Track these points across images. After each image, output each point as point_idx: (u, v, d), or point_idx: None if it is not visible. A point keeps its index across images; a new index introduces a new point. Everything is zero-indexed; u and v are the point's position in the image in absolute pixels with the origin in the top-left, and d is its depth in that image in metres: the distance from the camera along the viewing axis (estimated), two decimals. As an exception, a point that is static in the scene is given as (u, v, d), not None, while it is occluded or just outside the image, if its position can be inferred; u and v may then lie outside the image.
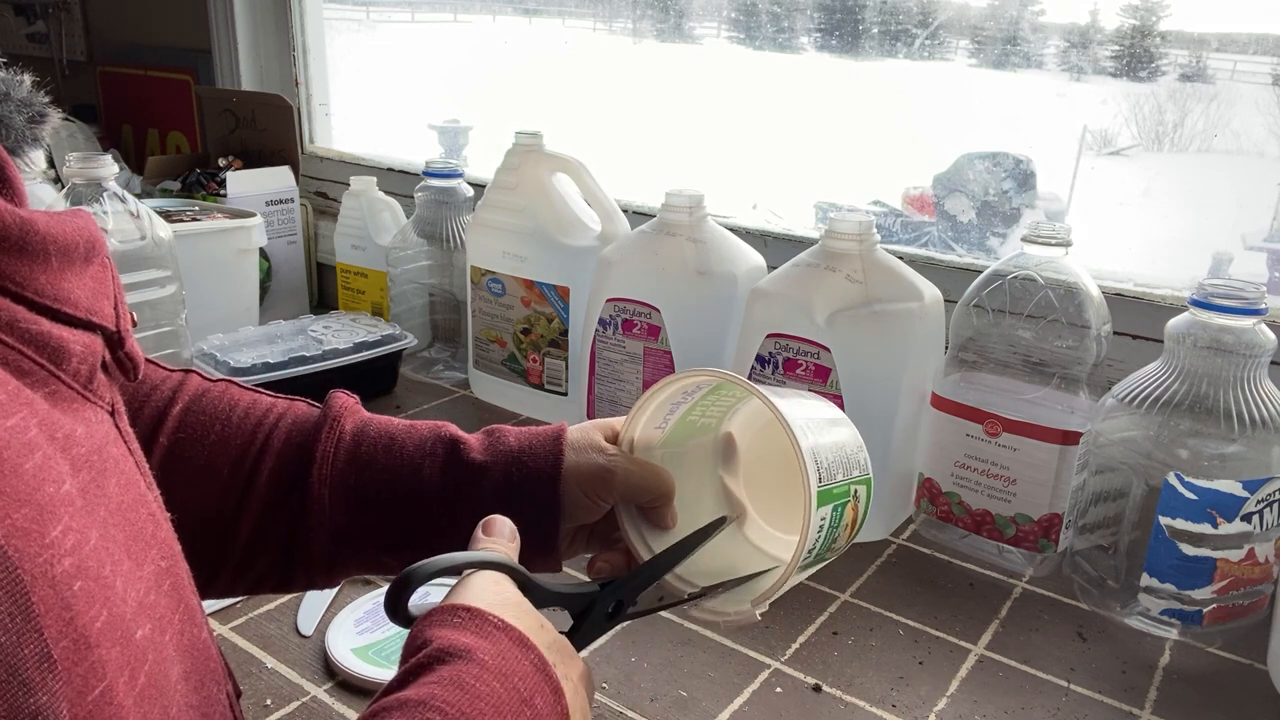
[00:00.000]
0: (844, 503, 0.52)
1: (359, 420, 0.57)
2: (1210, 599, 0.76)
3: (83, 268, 0.36)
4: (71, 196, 0.98)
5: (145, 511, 0.37)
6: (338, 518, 0.54)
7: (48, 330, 0.34)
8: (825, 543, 0.52)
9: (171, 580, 0.38)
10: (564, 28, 2.15)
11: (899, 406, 0.90)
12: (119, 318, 0.38)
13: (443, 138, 1.97)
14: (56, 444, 0.32)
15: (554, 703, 0.41)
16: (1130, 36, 1.30)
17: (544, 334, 1.14)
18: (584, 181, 1.12)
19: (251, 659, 0.73)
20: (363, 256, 1.40)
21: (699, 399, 0.57)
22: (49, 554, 0.29)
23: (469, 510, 0.53)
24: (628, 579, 0.51)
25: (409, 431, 0.57)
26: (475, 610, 0.41)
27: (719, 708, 0.70)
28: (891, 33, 1.44)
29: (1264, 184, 1.21)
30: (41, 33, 2.03)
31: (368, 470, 0.55)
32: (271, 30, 1.68)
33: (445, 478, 0.55)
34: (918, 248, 1.21)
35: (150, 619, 0.35)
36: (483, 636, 0.40)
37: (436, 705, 0.37)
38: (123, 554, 0.34)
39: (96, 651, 0.30)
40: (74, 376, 0.35)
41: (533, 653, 0.41)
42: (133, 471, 0.38)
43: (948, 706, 0.71)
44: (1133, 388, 0.78)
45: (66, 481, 0.32)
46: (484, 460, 0.55)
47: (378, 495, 0.55)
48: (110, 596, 0.32)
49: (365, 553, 0.56)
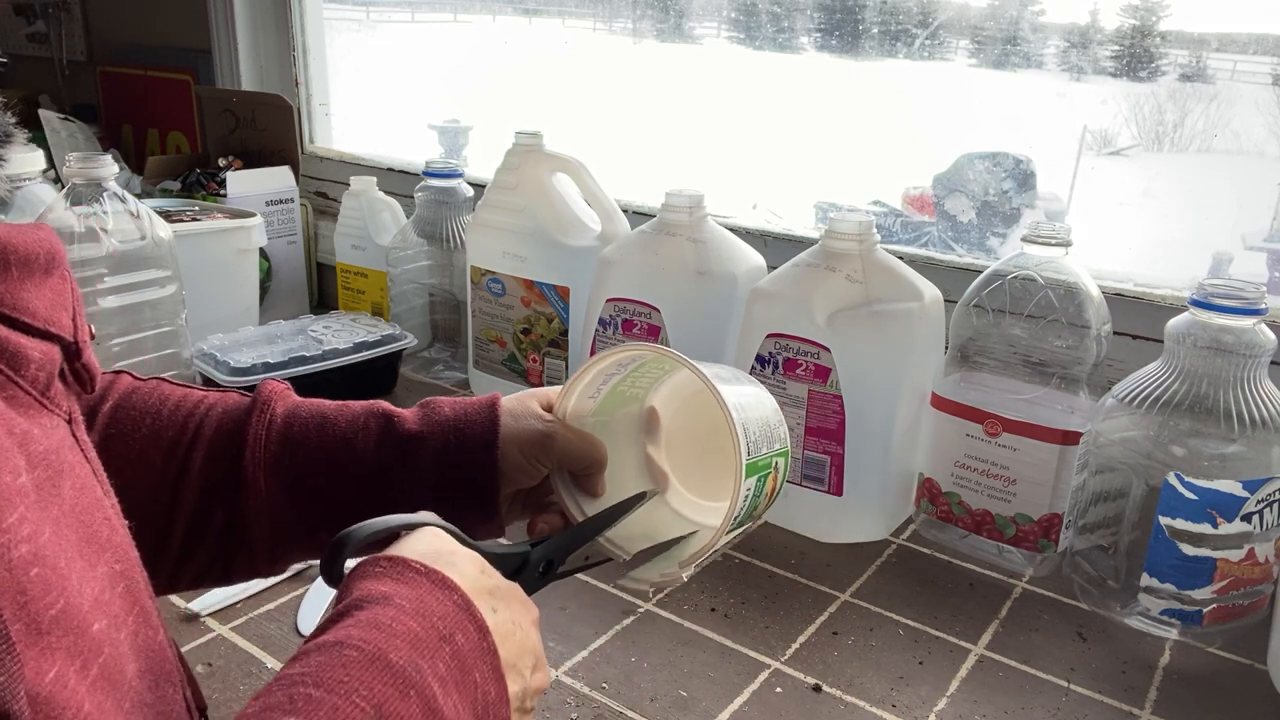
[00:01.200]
0: (766, 474, 0.56)
1: (290, 403, 0.58)
2: (1210, 599, 0.76)
3: (42, 279, 0.37)
4: (71, 196, 0.98)
5: (100, 515, 0.38)
6: (274, 500, 0.55)
7: (5, 337, 0.35)
8: (749, 510, 0.55)
9: (126, 583, 0.38)
10: (564, 28, 2.15)
11: (899, 406, 0.90)
12: (77, 329, 0.39)
13: (443, 138, 1.97)
14: (14, 439, 0.33)
15: (478, 640, 0.41)
16: (1130, 36, 1.30)
17: (544, 334, 1.14)
18: (584, 181, 1.12)
19: (251, 659, 0.73)
20: (363, 256, 1.40)
21: (629, 371, 0.59)
22: (5, 538, 0.30)
23: (407, 481, 0.55)
24: (558, 540, 0.53)
25: (341, 410, 0.57)
26: (397, 558, 0.42)
27: (719, 708, 0.70)
28: (891, 33, 1.44)
29: (1264, 184, 1.21)
30: (41, 33, 2.03)
31: (301, 449, 0.55)
32: (271, 30, 1.68)
33: (380, 451, 0.56)
34: (918, 248, 1.21)
35: (105, 616, 0.35)
36: (402, 582, 0.41)
37: (352, 643, 0.38)
38: (75, 554, 0.35)
39: (49, 638, 0.31)
40: (31, 383, 0.36)
41: (455, 593, 0.42)
42: (89, 477, 0.39)
43: (948, 706, 0.71)
44: (1133, 388, 0.78)
45: (22, 475, 0.33)
46: (419, 430, 0.56)
47: (313, 473, 0.55)
48: (66, 588, 0.33)
49: (305, 535, 0.56)
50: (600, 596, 0.82)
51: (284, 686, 0.36)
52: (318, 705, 0.35)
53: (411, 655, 0.38)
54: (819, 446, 0.90)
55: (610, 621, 0.79)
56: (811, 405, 0.89)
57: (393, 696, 0.36)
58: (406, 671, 0.38)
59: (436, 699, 0.38)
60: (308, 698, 0.35)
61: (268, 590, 0.81)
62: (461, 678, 0.40)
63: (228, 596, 0.79)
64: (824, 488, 0.91)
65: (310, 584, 0.82)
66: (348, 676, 0.36)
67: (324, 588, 0.81)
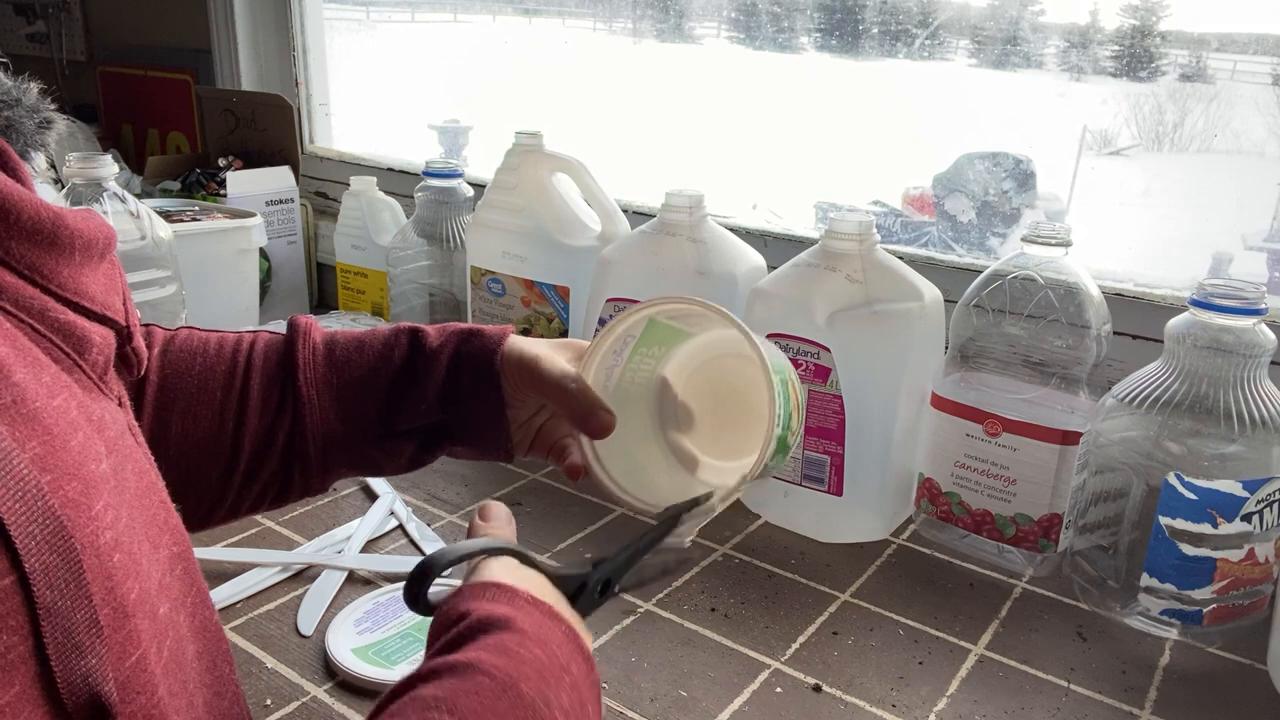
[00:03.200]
0: (787, 389, 0.58)
1: (325, 332, 0.63)
2: (1210, 599, 0.76)
3: (98, 264, 0.38)
4: (71, 196, 0.98)
5: (158, 499, 0.39)
6: (326, 416, 0.59)
7: (73, 321, 0.36)
8: (785, 424, 0.57)
9: (184, 565, 0.39)
10: (564, 28, 2.15)
11: (899, 406, 0.90)
12: (128, 313, 0.40)
13: (443, 138, 1.97)
14: (93, 425, 0.34)
15: (588, 671, 0.43)
16: (1130, 36, 1.30)
17: (544, 334, 1.14)
18: (584, 181, 1.12)
19: (251, 659, 0.73)
20: (363, 256, 1.40)
21: (638, 341, 0.62)
22: (94, 525, 0.31)
23: (430, 386, 0.60)
24: (616, 560, 0.54)
25: (372, 334, 0.63)
26: (505, 586, 0.43)
27: (719, 708, 0.70)
28: (891, 33, 1.44)
29: (1264, 184, 1.21)
30: (41, 33, 2.03)
31: (346, 369, 0.60)
32: (271, 30, 1.68)
33: (410, 362, 0.61)
34: (918, 248, 1.21)
35: (168, 598, 0.36)
36: (518, 609, 0.42)
37: (485, 668, 0.38)
38: (143, 536, 0.35)
39: (133, 621, 0.32)
40: (92, 367, 0.37)
41: (563, 624, 0.43)
42: (144, 460, 0.39)
43: (948, 706, 0.71)
44: (1133, 388, 0.79)
45: (103, 461, 0.34)
46: (439, 341, 0.61)
47: (357, 388, 0.60)
48: (140, 572, 0.34)
49: (349, 448, 0.60)
50: (600, 596, 0.82)
51: (417, 709, 0.36)
52: None
53: (540, 686, 0.39)
54: (819, 446, 0.90)
55: (610, 621, 0.79)
56: (811, 405, 0.89)
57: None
58: (536, 704, 0.38)
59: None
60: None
61: (268, 590, 0.81)
62: (579, 710, 0.41)
63: (228, 596, 0.79)
64: (824, 488, 0.91)
65: (310, 584, 0.82)
66: (480, 706, 0.37)
67: (324, 588, 0.81)
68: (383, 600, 0.79)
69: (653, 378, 0.65)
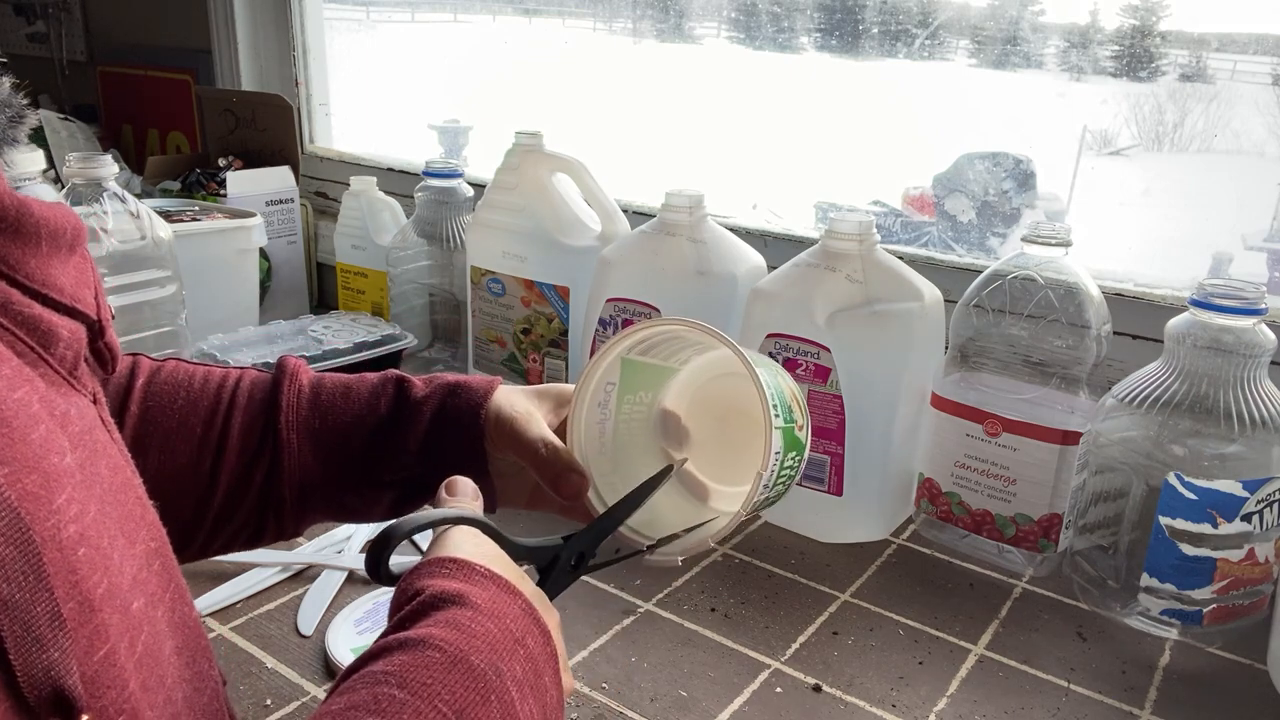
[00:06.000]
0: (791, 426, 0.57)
1: (312, 375, 0.62)
2: (1210, 599, 0.76)
3: (67, 255, 0.37)
4: (71, 196, 0.98)
5: (133, 495, 0.39)
6: (305, 460, 0.58)
7: (39, 314, 0.35)
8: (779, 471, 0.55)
9: (161, 561, 0.39)
10: (564, 28, 2.15)
11: (899, 406, 0.90)
12: (99, 307, 0.39)
13: (443, 138, 1.97)
14: (56, 419, 0.34)
15: (544, 644, 0.43)
16: (1130, 36, 1.30)
17: (544, 334, 1.14)
18: (584, 181, 1.12)
19: (251, 659, 0.73)
20: (363, 256, 1.40)
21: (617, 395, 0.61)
22: (56, 519, 0.31)
23: (412, 439, 0.59)
24: (588, 533, 0.54)
25: (360, 380, 0.62)
26: (461, 560, 0.44)
27: (719, 708, 0.70)
28: (891, 33, 1.44)
29: (1264, 184, 1.21)
30: (41, 33, 2.03)
31: (330, 415, 0.60)
32: (271, 30, 1.68)
33: (394, 412, 0.60)
34: (918, 248, 1.21)
35: (143, 594, 0.36)
36: (472, 584, 0.42)
37: (435, 643, 0.38)
38: (116, 531, 0.35)
39: (100, 615, 0.32)
40: (60, 362, 0.36)
41: (520, 598, 0.43)
42: (118, 457, 0.39)
43: (948, 706, 0.71)
44: (1133, 388, 0.78)
45: (67, 455, 0.33)
46: (425, 393, 0.61)
47: (339, 435, 0.59)
48: (109, 567, 0.33)
49: (326, 495, 0.59)
50: (600, 596, 0.82)
51: (368, 684, 0.37)
52: (401, 707, 0.36)
53: (491, 658, 0.39)
54: (819, 446, 0.90)
55: (610, 621, 0.79)
56: (812, 405, 0.89)
57: (474, 701, 0.37)
58: (487, 675, 0.38)
59: (514, 704, 0.39)
60: (391, 699, 0.36)
61: (268, 590, 0.81)
62: (535, 681, 0.41)
63: (228, 596, 0.79)
64: (824, 488, 0.91)
65: (310, 584, 0.82)
66: (431, 679, 0.37)
67: (324, 588, 0.81)
68: (382, 600, 0.79)
69: (649, 421, 0.64)
